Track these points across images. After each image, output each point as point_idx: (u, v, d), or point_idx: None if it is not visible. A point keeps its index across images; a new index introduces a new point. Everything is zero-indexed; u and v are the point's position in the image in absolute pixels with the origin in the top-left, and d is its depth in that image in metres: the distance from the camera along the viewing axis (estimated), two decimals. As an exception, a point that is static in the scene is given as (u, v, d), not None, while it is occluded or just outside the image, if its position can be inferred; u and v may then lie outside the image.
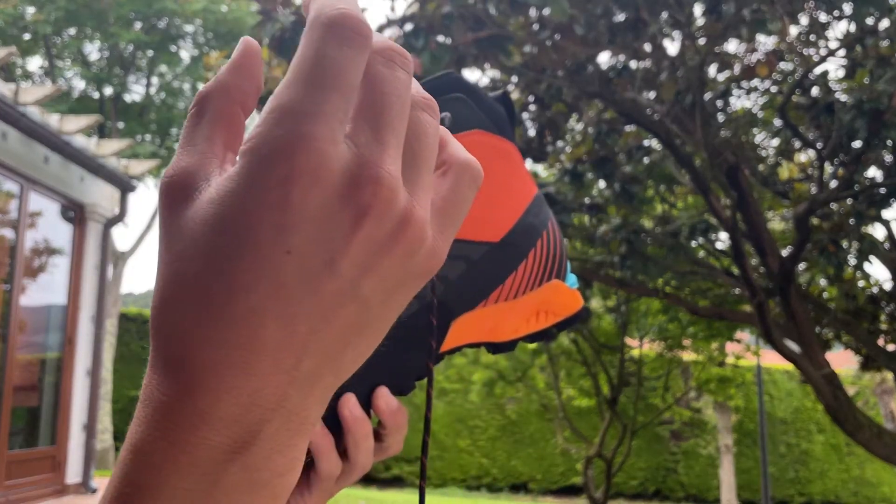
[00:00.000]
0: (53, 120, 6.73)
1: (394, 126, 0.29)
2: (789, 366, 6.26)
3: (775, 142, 6.57)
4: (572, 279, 0.61)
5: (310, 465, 0.49)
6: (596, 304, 9.45)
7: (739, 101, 6.22)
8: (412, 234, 0.29)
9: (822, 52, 5.24)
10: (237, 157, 0.28)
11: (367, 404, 0.51)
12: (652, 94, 5.60)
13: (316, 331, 0.28)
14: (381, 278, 0.29)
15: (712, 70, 5.60)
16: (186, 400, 0.28)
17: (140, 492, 0.28)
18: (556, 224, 0.61)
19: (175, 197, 0.29)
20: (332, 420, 0.49)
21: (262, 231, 0.27)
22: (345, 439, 0.49)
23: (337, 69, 0.28)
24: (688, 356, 11.01)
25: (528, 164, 6.72)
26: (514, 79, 5.71)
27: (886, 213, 10.87)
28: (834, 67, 8.16)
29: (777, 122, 5.98)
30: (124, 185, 7.89)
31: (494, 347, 0.59)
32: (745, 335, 10.41)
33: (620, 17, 4.45)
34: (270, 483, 0.29)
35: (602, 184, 6.54)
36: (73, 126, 6.82)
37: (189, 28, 15.16)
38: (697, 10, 4.68)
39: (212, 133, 0.31)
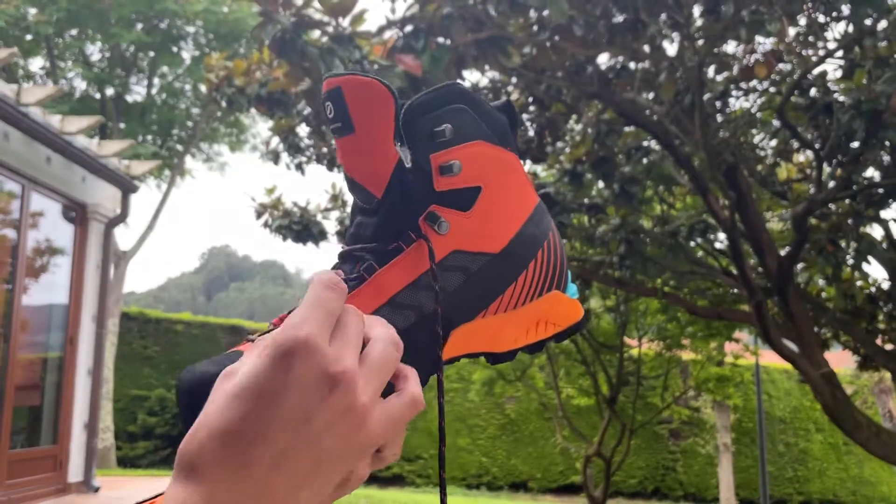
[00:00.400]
0: (55, 120, 6.76)
1: (354, 342, 0.46)
2: (788, 365, 6.28)
3: (774, 142, 6.59)
4: (572, 289, 0.61)
5: None
6: (595, 303, 9.47)
7: (738, 102, 6.24)
8: (360, 412, 0.44)
9: (821, 52, 5.26)
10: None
11: None
12: (651, 95, 5.62)
13: (289, 458, 0.43)
14: (337, 437, 0.44)
15: (711, 71, 5.63)
16: (197, 493, 0.41)
17: None
18: (557, 233, 0.60)
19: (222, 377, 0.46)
20: None
21: (270, 386, 0.43)
22: None
23: (324, 301, 0.46)
24: (687, 355, 11.03)
25: (528, 164, 6.74)
26: (514, 80, 5.74)
27: (884, 214, 10.86)
28: (832, 68, 8.18)
29: (776, 123, 6.00)
30: (126, 186, 7.91)
31: (493, 357, 0.59)
32: (743, 335, 10.43)
33: (619, 18, 4.47)
34: None
35: (601, 184, 6.56)
36: (74, 126, 6.85)
37: (190, 29, 15.18)
38: (696, 11, 4.70)
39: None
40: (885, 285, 6.77)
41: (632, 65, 5.29)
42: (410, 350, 0.52)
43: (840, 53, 5.15)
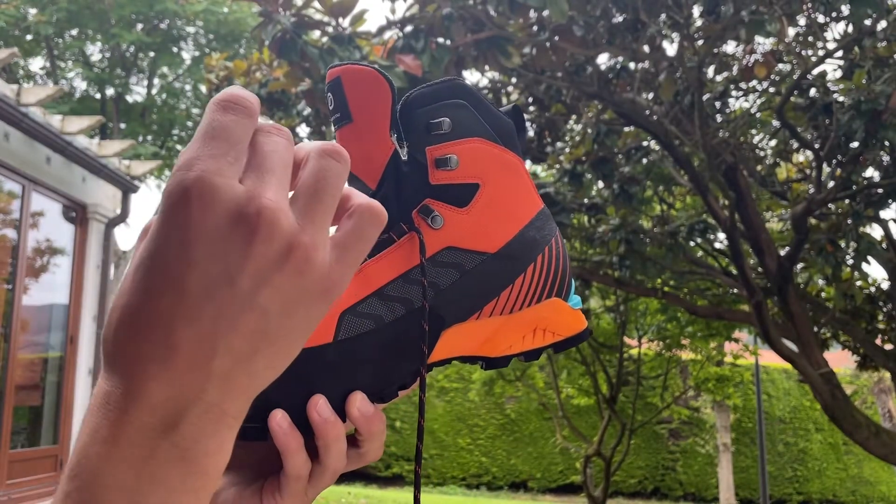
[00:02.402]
0: (55, 120, 6.76)
1: (274, 171, 0.37)
2: (787, 365, 6.28)
3: (773, 142, 6.60)
4: (576, 300, 0.60)
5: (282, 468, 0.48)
6: (595, 303, 9.48)
7: (738, 102, 6.25)
8: (300, 254, 0.36)
9: (820, 53, 5.26)
10: None
11: (341, 408, 0.49)
12: (651, 95, 5.63)
13: (221, 333, 0.35)
14: (276, 292, 0.36)
15: (711, 71, 5.63)
16: (121, 387, 0.35)
17: (89, 462, 0.34)
18: (562, 243, 0.59)
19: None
20: (303, 421, 0.47)
21: (168, 248, 0.35)
22: (316, 441, 0.48)
23: (220, 127, 0.36)
24: (686, 355, 11.03)
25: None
26: (514, 80, 5.74)
27: (884, 214, 10.87)
28: (832, 68, 8.19)
29: (775, 123, 6.01)
30: (126, 186, 7.92)
31: (487, 362, 0.57)
32: (743, 335, 10.43)
33: (619, 18, 4.48)
34: (199, 461, 0.35)
35: (601, 184, 6.57)
36: (74, 127, 6.85)
37: (190, 29, 15.18)
38: (696, 11, 4.70)
39: None
40: (885, 285, 6.77)
41: (632, 65, 5.30)
42: (397, 346, 0.50)
43: (840, 54, 5.15)
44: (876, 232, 6.48)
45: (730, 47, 5.67)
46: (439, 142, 0.53)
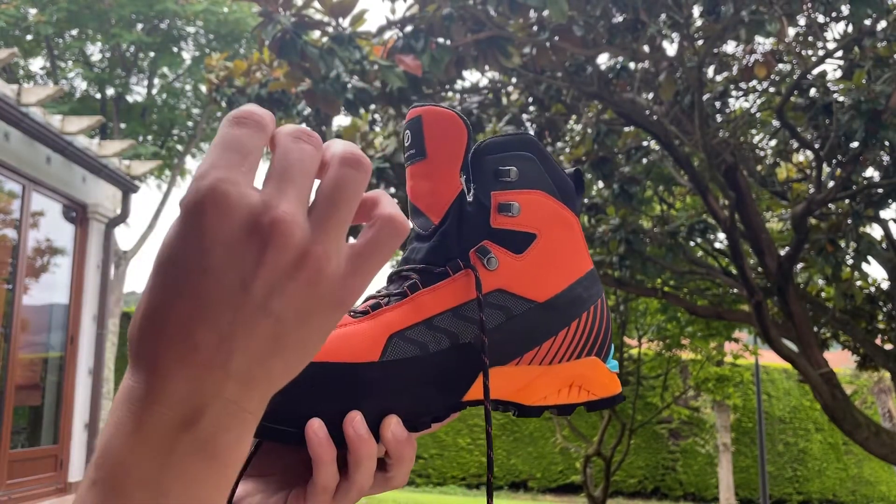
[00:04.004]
0: (55, 120, 6.76)
1: (294, 181, 0.38)
2: (787, 365, 6.29)
3: (773, 142, 6.60)
4: (614, 364, 0.61)
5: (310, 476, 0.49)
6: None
7: (738, 102, 6.25)
8: (312, 265, 0.37)
9: (820, 53, 5.27)
10: None
11: (376, 428, 0.50)
12: (651, 95, 5.63)
13: (239, 337, 0.36)
14: (290, 300, 0.37)
15: (711, 71, 5.64)
16: (144, 384, 0.36)
17: (114, 453, 0.36)
18: (606, 305, 0.60)
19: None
20: (337, 434, 0.48)
21: (185, 254, 0.36)
22: (347, 456, 0.49)
23: (233, 139, 0.37)
24: (686, 355, 11.04)
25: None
26: (514, 80, 5.74)
27: (884, 213, 10.88)
28: (832, 68, 8.18)
29: (775, 123, 6.01)
30: (126, 186, 7.92)
31: (520, 410, 0.57)
32: (743, 334, 10.43)
33: (619, 18, 4.48)
34: (219, 454, 0.37)
35: (601, 184, 6.57)
36: (75, 127, 6.85)
37: (190, 29, 15.18)
38: (696, 11, 4.71)
39: None
40: (885, 285, 6.78)
41: (632, 65, 5.30)
42: (438, 376, 0.52)
43: (840, 54, 5.16)
44: (876, 232, 6.48)
45: (730, 47, 5.67)
46: (504, 188, 0.56)
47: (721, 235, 6.52)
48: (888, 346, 6.77)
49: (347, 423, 0.48)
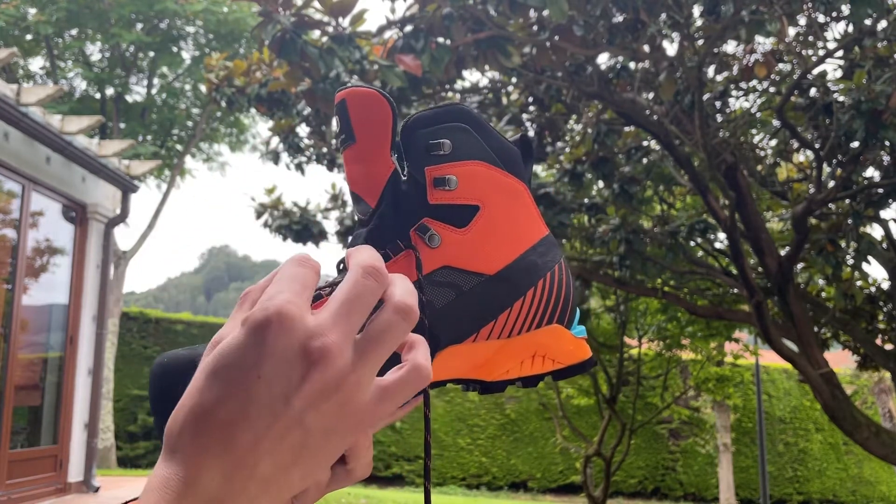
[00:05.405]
0: (55, 120, 6.76)
1: (350, 316, 0.43)
2: (788, 365, 6.29)
3: (773, 142, 6.60)
4: (580, 329, 0.59)
5: None
6: (595, 303, 9.48)
7: (738, 102, 6.25)
8: (346, 392, 0.42)
9: (821, 52, 5.26)
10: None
11: None
12: (651, 95, 5.63)
13: (271, 441, 0.41)
14: (321, 417, 0.41)
15: (711, 71, 5.63)
16: (180, 474, 0.40)
17: None
18: (567, 270, 0.59)
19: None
20: None
21: (244, 361, 0.40)
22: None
23: (297, 274, 0.43)
24: (686, 355, 11.04)
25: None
26: (514, 80, 5.74)
27: (884, 213, 10.88)
28: (832, 68, 8.18)
29: (775, 123, 6.01)
30: (126, 186, 7.91)
31: (483, 387, 0.56)
32: (743, 334, 10.43)
33: (619, 18, 4.47)
34: None
35: (601, 184, 6.57)
36: (74, 126, 6.85)
37: (190, 29, 15.18)
38: (696, 11, 4.70)
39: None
40: (885, 285, 6.77)
41: (632, 65, 5.30)
42: (390, 361, 0.50)
43: (840, 53, 5.15)
44: (876, 232, 6.48)
45: (730, 47, 5.67)
46: (438, 162, 0.54)
47: (721, 235, 6.52)
48: (888, 346, 6.77)
49: None
